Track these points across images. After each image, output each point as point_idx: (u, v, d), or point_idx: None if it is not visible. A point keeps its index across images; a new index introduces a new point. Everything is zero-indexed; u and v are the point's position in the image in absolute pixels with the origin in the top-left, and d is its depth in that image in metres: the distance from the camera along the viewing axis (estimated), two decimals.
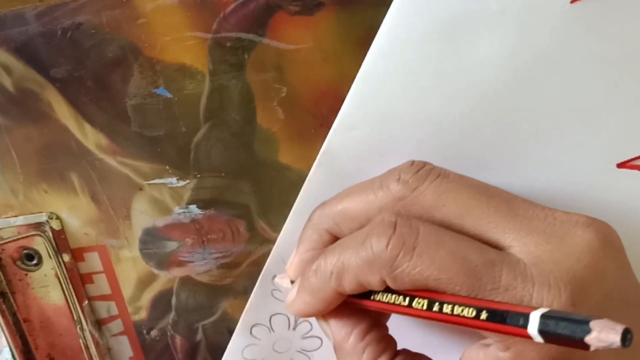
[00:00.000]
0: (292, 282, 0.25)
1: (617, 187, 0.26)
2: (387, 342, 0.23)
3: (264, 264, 0.29)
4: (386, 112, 0.25)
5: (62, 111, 0.27)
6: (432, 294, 0.20)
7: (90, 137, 0.28)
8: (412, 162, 0.22)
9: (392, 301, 0.21)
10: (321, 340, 0.31)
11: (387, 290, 0.21)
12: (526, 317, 0.17)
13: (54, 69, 0.27)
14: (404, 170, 0.22)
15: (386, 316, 0.25)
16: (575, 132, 0.25)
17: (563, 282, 0.19)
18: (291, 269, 0.25)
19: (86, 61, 0.26)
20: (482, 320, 0.18)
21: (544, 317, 0.16)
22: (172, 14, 0.25)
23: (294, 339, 0.31)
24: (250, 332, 0.31)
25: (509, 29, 0.23)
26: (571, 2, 0.23)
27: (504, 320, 0.18)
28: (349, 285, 0.22)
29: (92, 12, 0.25)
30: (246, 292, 0.31)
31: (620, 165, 0.25)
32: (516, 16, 0.23)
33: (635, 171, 0.25)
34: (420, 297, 0.20)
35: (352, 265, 0.21)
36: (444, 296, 0.19)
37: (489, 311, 0.18)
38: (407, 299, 0.20)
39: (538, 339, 0.16)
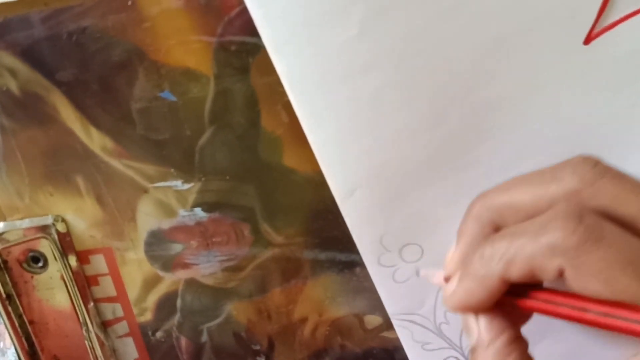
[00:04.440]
0: (446, 279, 0.25)
1: None
2: (528, 355, 0.23)
3: (268, 268, 0.29)
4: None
5: (68, 114, 0.28)
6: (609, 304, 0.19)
7: (95, 140, 0.28)
8: (585, 157, 0.21)
9: (564, 303, 0.20)
10: None
11: (549, 291, 0.21)
12: None
13: (59, 72, 0.27)
14: (579, 164, 0.21)
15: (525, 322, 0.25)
16: None
17: None
18: (452, 263, 0.24)
19: (91, 65, 0.26)
20: None
21: None
22: (177, 17, 0.25)
23: None
24: None
25: None
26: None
27: None
28: (518, 272, 0.21)
29: (98, 16, 0.25)
30: (250, 295, 0.31)
31: None
32: None
33: None
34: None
35: (527, 250, 0.20)
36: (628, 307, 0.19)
37: None
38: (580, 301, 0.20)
39: None
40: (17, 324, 0.31)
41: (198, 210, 0.29)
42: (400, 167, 0.27)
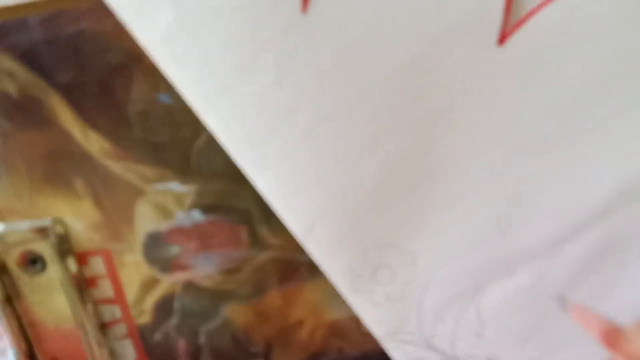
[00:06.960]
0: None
1: None
2: None
3: (265, 270, 0.29)
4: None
5: (66, 117, 0.28)
6: None
7: (93, 143, 0.28)
8: None
9: None
10: None
11: None
12: None
13: (57, 75, 0.27)
14: None
15: None
16: None
17: None
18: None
19: (89, 68, 0.27)
20: None
21: None
22: None
23: None
24: None
25: None
26: None
27: None
28: None
29: (96, 19, 0.26)
30: (248, 298, 0.31)
31: None
32: None
33: None
34: None
35: None
36: None
37: None
38: None
39: None
40: (16, 326, 0.31)
41: (196, 212, 0.29)
42: (352, 194, 0.27)
